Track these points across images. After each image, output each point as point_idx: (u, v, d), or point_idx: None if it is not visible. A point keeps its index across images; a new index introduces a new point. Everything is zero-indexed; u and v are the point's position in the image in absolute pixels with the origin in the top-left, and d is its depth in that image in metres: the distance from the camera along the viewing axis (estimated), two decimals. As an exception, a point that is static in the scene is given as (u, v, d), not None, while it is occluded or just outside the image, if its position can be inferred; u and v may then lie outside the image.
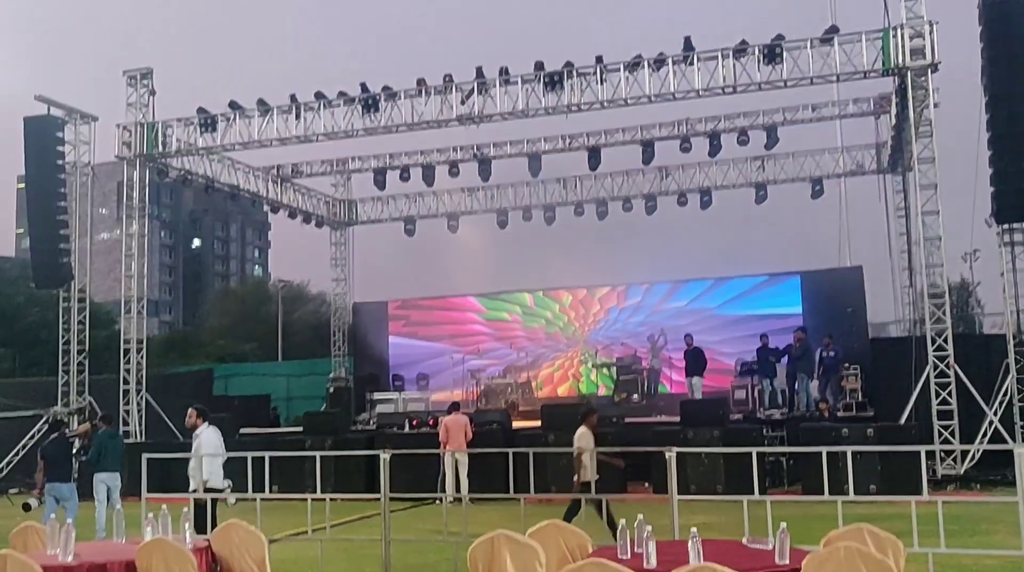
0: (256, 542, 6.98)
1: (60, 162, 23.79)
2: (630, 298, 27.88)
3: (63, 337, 24.58)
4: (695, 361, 22.80)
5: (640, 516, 6.14)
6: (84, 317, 24.63)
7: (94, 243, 26.17)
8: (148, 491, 9.30)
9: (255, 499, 9.32)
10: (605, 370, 26.27)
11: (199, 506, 9.60)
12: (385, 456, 8.70)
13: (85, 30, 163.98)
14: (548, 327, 28.41)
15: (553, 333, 28.29)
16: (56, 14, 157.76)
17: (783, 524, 5.92)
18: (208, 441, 11.12)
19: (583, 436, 11.72)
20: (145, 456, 9.47)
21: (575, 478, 11.60)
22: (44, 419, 22.13)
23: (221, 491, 10.92)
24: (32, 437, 22.45)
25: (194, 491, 10.62)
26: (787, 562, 5.68)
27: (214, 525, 9.33)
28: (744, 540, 6.41)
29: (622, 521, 6.25)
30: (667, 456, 7.89)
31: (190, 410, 11.47)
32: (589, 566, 5.22)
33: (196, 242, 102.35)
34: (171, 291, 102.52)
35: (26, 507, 14.07)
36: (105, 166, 29.49)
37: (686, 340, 23.30)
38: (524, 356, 27.14)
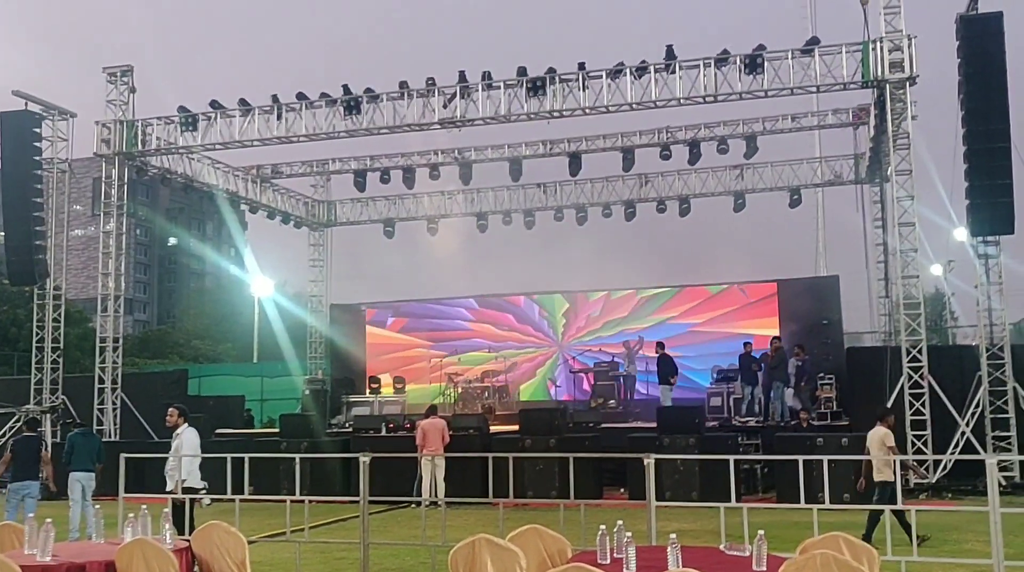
0: (236, 543, 6.97)
1: (37, 158, 23.61)
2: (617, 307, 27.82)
3: (37, 335, 24.36)
4: (665, 368, 22.72)
5: (620, 521, 6.19)
6: (59, 315, 24.44)
7: (68, 240, 25.94)
8: (123, 491, 9.25)
9: (233, 500, 9.28)
10: (581, 376, 26.35)
11: (176, 506, 9.54)
12: (365, 459, 8.68)
13: (66, 26, 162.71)
14: (529, 331, 28.43)
15: (534, 336, 28.30)
16: (36, 10, 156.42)
17: (761, 531, 5.98)
18: (188, 441, 11.07)
19: (887, 436, 11.70)
20: (123, 456, 9.40)
21: (860, 482, 11.64)
22: (16, 417, 21.92)
23: (198, 491, 10.88)
24: (4, 435, 22.21)
25: (171, 491, 10.56)
26: (764, 569, 5.74)
27: (191, 526, 9.31)
28: (722, 547, 6.46)
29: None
30: (645, 463, 7.93)
31: (171, 409, 11.40)
32: (569, 570, 5.26)
33: (172, 240, 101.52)
34: (146, 289, 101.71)
35: None
36: (80, 162, 29.27)
37: (656, 348, 23.34)
38: (502, 360, 27.15)
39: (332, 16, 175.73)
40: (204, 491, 11.16)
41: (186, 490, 10.38)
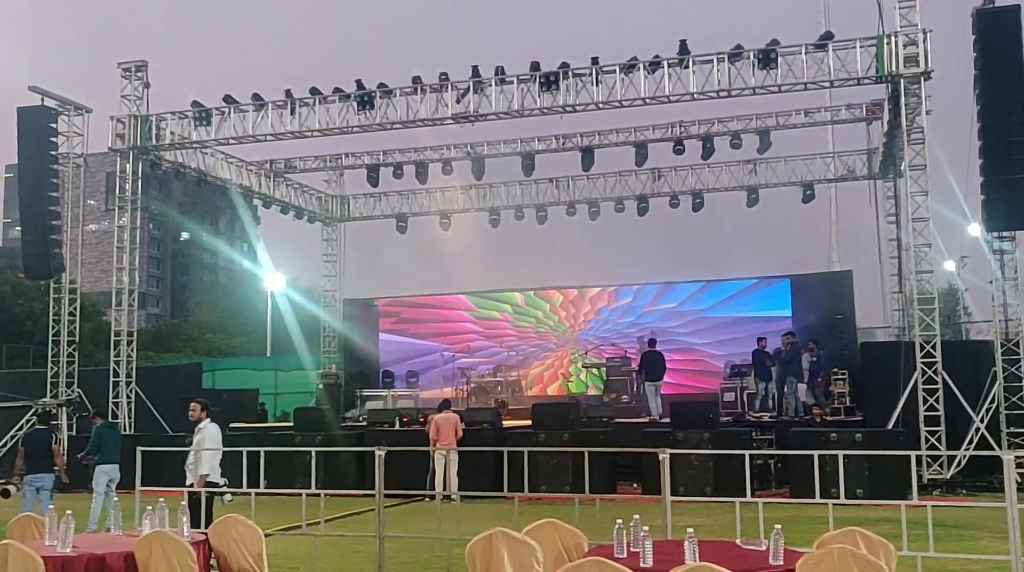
0: (254, 536, 7.02)
1: (53, 153, 23.73)
2: (621, 299, 27.97)
3: (52, 328, 24.50)
4: (652, 366, 22.53)
5: (636, 516, 6.21)
6: (74, 308, 24.58)
7: (83, 234, 26.08)
8: (140, 484, 9.34)
9: (249, 493, 9.34)
10: (595, 370, 26.35)
11: (195, 500, 9.60)
12: (380, 452, 8.72)
13: (81, 21, 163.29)
14: (538, 326, 28.48)
15: (543, 332, 28.36)
16: (52, 5, 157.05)
17: (778, 526, 5.99)
18: (211, 436, 11.06)
19: None
20: (140, 449, 9.48)
21: None
22: (33, 410, 22.07)
23: (219, 487, 10.90)
24: (20, 428, 22.38)
25: (191, 485, 10.61)
26: (781, 563, 5.75)
27: (209, 520, 9.36)
28: (738, 541, 6.48)
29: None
30: (661, 457, 7.94)
31: (193, 404, 11.37)
32: (588, 564, 5.29)
33: (185, 234, 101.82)
34: (159, 283, 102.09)
35: (4, 493, 14.08)
36: (94, 156, 29.42)
37: (648, 343, 23.28)
38: (514, 355, 27.19)
39: (345, 11, 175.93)
40: (225, 486, 11.19)
41: (208, 484, 10.42)
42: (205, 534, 7.46)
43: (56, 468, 13.80)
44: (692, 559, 5.58)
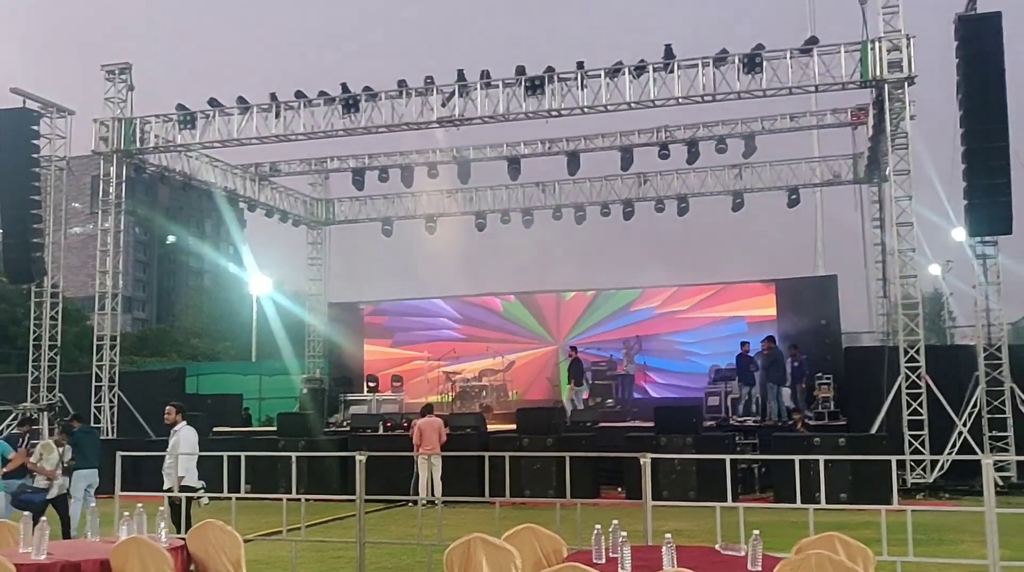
0: (232, 542, 6.96)
1: (35, 156, 23.56)
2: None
3: (34, 333, 24.34)
4: (575, 372, 23.78)
5: (615, 521, 6.18)
6: (57, 313, 24.42)
7: (66, 238, 25.92)
8: (120, 489, 9.26)
9: (230, 499, 9.27)
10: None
11: (173, 505, 9.53)
12: (361, 458, 8.68)
13: (64, 23, 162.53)
14: (527, 329, 28.45)
15: (532, 335, 28.31)
16: (35, 6, 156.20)
17: (756, 531, 5.98)
18: (186, 439, 11.05)
19: None
20: (120, 454, 9.40)
21: None
22: (13, 415, 21.91)
23: (196, 490, 10.86)
24: (1, 433, 22.20)
25: (168, 490, 10.55)
26: (759, 569, 5.73)
27: (188, 524, 9.30)
28: (717, 546, 6.46)
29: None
30: (642, 462, 7.91)
31: (168, 407, 11.36)
32: (565, 569, 5.26)
33: (171, 238, 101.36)
34: (144, 287, 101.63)
35: None
36: (79, 159, 29.25)
37: (568, 352, 24.21)
38: (499, 359, 27.11)
39: (330, 14, 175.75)
40: (202, 490, 11.14)
41: (183, 488, 10.36)
42: (183, 539, 7.39)
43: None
44: (670, 564, 5.56)
